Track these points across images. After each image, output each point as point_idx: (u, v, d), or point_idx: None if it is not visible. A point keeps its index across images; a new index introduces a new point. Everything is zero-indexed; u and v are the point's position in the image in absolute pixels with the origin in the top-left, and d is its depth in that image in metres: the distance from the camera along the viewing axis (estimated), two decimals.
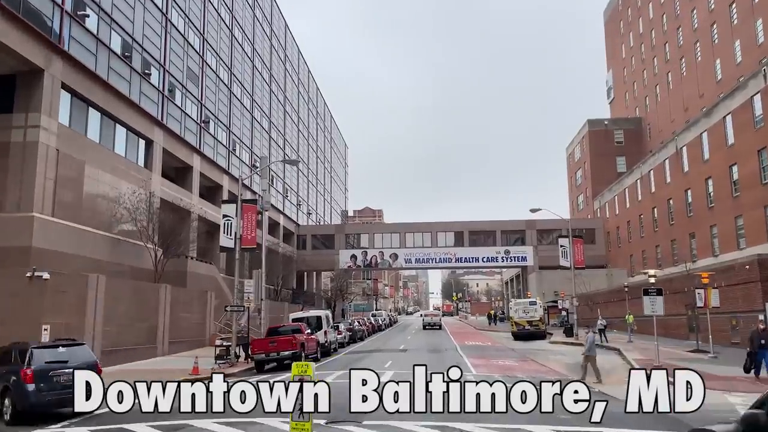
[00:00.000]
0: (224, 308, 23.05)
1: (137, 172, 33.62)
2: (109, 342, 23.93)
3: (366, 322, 52.61)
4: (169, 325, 29.42)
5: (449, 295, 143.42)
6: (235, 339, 23.54)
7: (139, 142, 34.70)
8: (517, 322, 40.79)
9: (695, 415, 6.46)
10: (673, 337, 34.70)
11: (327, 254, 70.32)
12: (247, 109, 53.59)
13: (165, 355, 28.62)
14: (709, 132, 42.30)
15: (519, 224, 69.47)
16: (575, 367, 21.75)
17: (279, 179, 63.82)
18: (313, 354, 25.47)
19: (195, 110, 41.98)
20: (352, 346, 36.79)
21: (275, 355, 21.94)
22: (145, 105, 34.38)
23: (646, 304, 20.98)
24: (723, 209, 40.56)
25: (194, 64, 41.97)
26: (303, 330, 24.52)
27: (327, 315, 31.27)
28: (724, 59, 50.68)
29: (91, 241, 28.97)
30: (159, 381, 6.11)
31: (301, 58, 77.89)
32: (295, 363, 7.42)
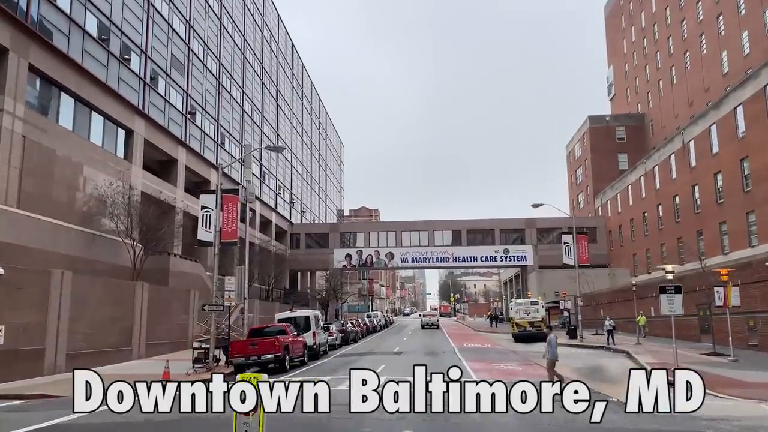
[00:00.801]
0: (202, 307, 21.10)
1: (116, 164, 31.64)
2: (76, 344, 21.92)
3: (360, 323, 50.74)
4: (147, 326, 27.39)
5: (447, 296, 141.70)
6: (213, 341, 21.56)
7: (118, 131, 32.71)
8: (518, 323, 38.88)
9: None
10: (683, 339, 32.79)
11: (321, 253, 68.40)
12: (237, 102, 51.63)
13: (141, 359, 26.62)
14: (718, 124, 40.52)
15: (518, 223, 67.70)
16: (586, 371, 19.88)
17: (271, 176, 61.86)
18: (300, 357, 23.51)
19: (180, 100, 40.01)
20: (344, 349, 34.84)
21: (256, 359, 19.95)
22: (124, 92, 32.41)
23: (663, 303, 19.09)
24: (733, 205, 38.77)
25: (179, 52, 40.00)
26: (288, 331, 22.54)
27: (316, 315, 29.26)
28: (731, 51, 48.99)
29: (64, 236, 26.99)
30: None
31: (294, 52, 75.95)
32: (241, 375, 5.62)
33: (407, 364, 20.12)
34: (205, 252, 40.39)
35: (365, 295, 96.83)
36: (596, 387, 17.18)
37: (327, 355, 29.80)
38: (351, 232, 71.26)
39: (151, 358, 27.12)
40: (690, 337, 32.35)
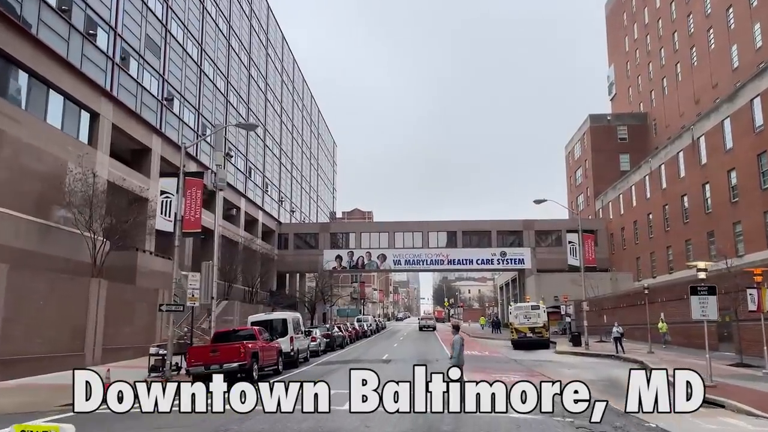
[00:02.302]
0: (159, 307, 18.18)
1: (77, 149, 28.60)
2: (10, 348, 18.93)
3: (349, 327, 47.81)
4: (105, 329, 24.41)
5: (441, 301, 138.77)
6: (171, 347, 18.58)
7: (81, 114, 29.73)
8: (517, 328, 36.01)
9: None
10: (698, 348, 30.07)
11: (310, 254, 65.37)
12: (220, 92, 48.70)
13: (96, 365, 23.58)
14: (732, 117, 37.93)
15: (516, 224, 64.98)
16: (601, 386, 17.03)
17: (258, 172, 58.93)
18: (273, 366, 20.55)
19: (156, 85, 37.06)
20: (329, 355, 31.89)
21: (217, 368, 16.97)
22: (89, 71, 29.45)
23: (695, 306, 16.31)
24: (749, 204, 36.14)
25: (155, 33, 37.07)
26: (258, 336, 19.59)
27: (295, 318, 26.26)
28: (741, 45, 46.56)
29: (12, 227, 23.97)
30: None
31: (285, 45, 73.13)
32: (17, 425, 2.81)
33: (396, 375, 17.16)
34: (182, 248, 37.39)
35: (356, 298, 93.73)
36: (620, 405, 14.45)
37: (307, 362, 26.81)
38: (342, 233, 68.29)
39: (108, 364, 24.01)
40: (705, 345, 29.58)
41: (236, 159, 52.23)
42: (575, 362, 26.86)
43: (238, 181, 52.76)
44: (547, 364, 25.58)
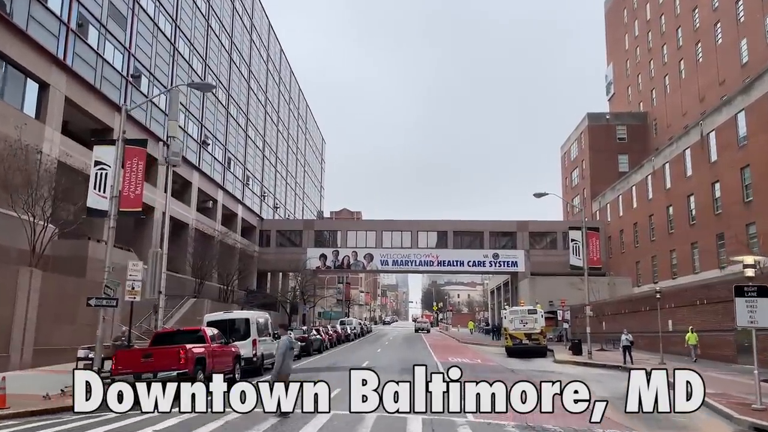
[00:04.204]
0: (87, 301, 14.89)
1: (21, 120, 25.14)
2: None
3: (330, 330, 44.48)
4: (37, 328, 20.99)
5: (429, 305, 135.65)
6: (99, 350, 15.26)
7: (27, 83, 26.32)
8: (512, 334, 32.87)
9: None
10: (713, 359, 27.17)
11: (293, 253, 61.92)
12: (197, 74, 45.32)
13: (25, 369, 20.22)
14: (747, 110, 35.17)
15: (509, 225, 62.04)
16: (616, 403, 13.78)
17: (238, 163, 55.54)
18: (228, 373, 17.23)
19: (120, 60, 33.67)
20: (303, 361, 28.59)
21: (150, 376, 13.64)
22: (36, 34, 26.04)
23: (740, 311, 13.22)
24: (765, 203, 33.35)
25: (121, 2, 33.70)
26: (207, 338, 16.30)
27: (261, 318, 22.88)
28: (752, 39, 43.96)
29: None
30: None
31: (272, 32, 69.82)
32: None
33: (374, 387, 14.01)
34: (142, 238, 34.01)
35: (341, 300, 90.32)
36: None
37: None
38: (327, 231, 65.01)
39: (39, 368, 20.68)
40: (721, 357, 26.67)
41: (214, 147, 48.84)
42: (579, 373, 23.73)
43: (216, 172, 49.37)
44: (546, 376, 22.43)
